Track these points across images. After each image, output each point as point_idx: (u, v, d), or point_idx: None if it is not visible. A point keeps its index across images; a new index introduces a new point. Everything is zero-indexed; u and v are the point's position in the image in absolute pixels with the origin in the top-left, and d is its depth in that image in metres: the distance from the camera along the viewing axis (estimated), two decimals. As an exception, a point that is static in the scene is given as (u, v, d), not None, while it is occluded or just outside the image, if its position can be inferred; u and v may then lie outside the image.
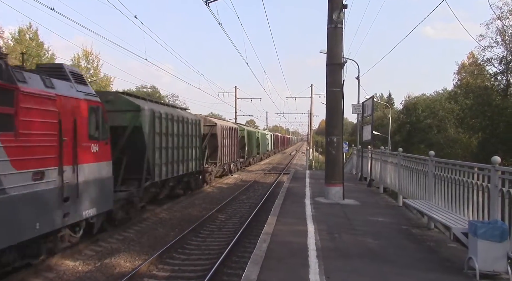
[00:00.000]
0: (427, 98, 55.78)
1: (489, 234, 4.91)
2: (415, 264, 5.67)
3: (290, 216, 8.96)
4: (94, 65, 42.81)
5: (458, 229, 5.99)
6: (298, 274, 5.17)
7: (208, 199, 16.99)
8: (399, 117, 55.67)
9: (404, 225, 8.18)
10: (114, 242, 9.85)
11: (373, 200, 11.54)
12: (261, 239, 6.88)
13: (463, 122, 38.10)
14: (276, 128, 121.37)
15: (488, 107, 31.59)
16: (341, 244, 6.72)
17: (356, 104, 17.32)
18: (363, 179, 16.01)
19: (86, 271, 7.79)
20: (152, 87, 62.00)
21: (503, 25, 30.91)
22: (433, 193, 8.18)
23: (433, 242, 6.89)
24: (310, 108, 53.04)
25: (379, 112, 61.87)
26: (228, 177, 25.73)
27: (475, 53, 38.56)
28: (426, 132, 47.12)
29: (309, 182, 15.55)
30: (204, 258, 8.82)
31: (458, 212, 6.93)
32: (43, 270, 7.61)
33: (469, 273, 5.15)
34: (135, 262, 8.45)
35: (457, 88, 44.22)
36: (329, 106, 11.26)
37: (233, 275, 7.51)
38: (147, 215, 12.60)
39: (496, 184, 5.61)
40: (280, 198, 11.46)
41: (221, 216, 13.53)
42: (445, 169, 7.62)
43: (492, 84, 34.23)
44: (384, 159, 13.01)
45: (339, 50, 11.03)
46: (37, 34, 36.16)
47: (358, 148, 18.36)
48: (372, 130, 14.66)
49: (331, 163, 11.23)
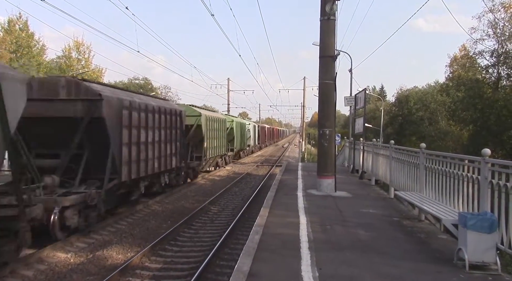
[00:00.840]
0: (419, 91, 56.01)
1: (478, 226, 4.97)
2: (406, 255, 5.73)
3: (283, 208, 8.99)
4: (85, 57, 42.39)
5: (448, 221, 6.06)
6: (291, 266, 5.20)
7: (200, 191, 16.99)
8: (391, 110, 55.88)
9: (395, 217, 8.26)
10: (106, 234, 9.83)
11: (364, 192, 11.62)
12: (254, 231, 6.90)
13: (454, 114, 38.37)
14: (269, 120, 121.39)
15: (479, 100, 31.84)
16: (333, 236, 6.76)
17: (348, 96, 17.39)
18: (355, 171, 16.10)
19: (78, 263, 7.77)
20: (145, 79, 61.59)
21: (495, 18, 31.10)
22: (424, 185, 8.26)
23: (423, 233, 6.96)
24: (303, 100, 53.18)
25: (372, 104, 62.11)
26: (220, 169, 25.70)
27: (467, 46, 38.78)
28: (418, 124, 47.44)
29: (302, 174, 15.60)
30: (197, 250, 8.84)
31: (449, 204, 7.00)
32: (35, 262, 7.58)
33: (459, 264, 5.22)
34: (127, 254, 8.44)
35: (448, 81, 44.46)
36: (321, 99, 11.28)
37: (226, 267, 7.53)
38: (139, 207, 12.57)
39: (486, 176, 5.67)
40: (272, 190, 11.50)
41: (214, 208, 13.55)
42: (436, 161, 7.69)
43: (484, 77, 34.46)
44: (376, 151, 13.09)
45: (332, 43, 11.02)
46: (27, 25, 35.67)
47: (350, 140, 18.44)
48: (364, 123, 14.72)
49: (324, 155, 11.28)
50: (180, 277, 7.19)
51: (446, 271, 5.09)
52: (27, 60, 32.33)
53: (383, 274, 5.00)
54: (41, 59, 36.46)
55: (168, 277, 7.23)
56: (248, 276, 4.84)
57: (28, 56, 34.26)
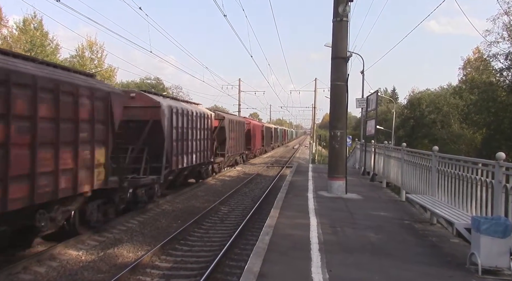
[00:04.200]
0: (432, 93, 55.45)
1: (492, 230, 4.91)
2: (417, 259, 5.68)
3: (293, 209, 8.98)
4: (98, 56, 42.80)
5: (461, 225, 5.99)
6: (300, 267, 5.19)
7: (211, 191, 17.03)
8: (403, 112, 55.41)
9: (407, 220, 8.19)
10: (117, 232, 9.91)
11: (375, 194, 11.54)
12: (264, 231, 6.90)
13: (467, 118, 37.93)
14: (279, 121, 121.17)
15: (493, 103, 31.40)
16: (343, 238, 6.73)
17: (360, 98, 17.25)
18: (366, 173, 16.01)
19: (89, 260, 7.84)
20: (156, 79, 62.03)
21: (510, 21, 30.62)
22: (436, 188, 8.17)
23: (435, 237, 6.89)
24: (314, 102, 52.86)
25: (383, 107, 61.64)
26: (231, 169, 25.78)
27: (481, 49, 38.29)
28: (430, 127, 46.97)
29: (312, 176, 15.56)
30: (207, 249, 8.86)
31: (461, 208, 6.92)
32: (47, 259, 7.67)
33: (472, 269, 5.16)
34: (138, 252, 8.50)
35: (462, 83, 43.99)
36: (333, 100, 11.23)
37: (236, 267, 7.54)
38: (150, 206, 12.65)
39: (500, 180, 5.59)
40: (282, 191, 11.48)
41: (224, 208, 13.57)
42: (449, 164, 7.60)
43: (498, 80, 33.96)
44: (388, 153, 13.00)
45: (344, 44, 10.98)
46: (42, 24, 36.08)
47: (361, 142, 18.34)
48: (376, 125, 14.63)
49: (334, 157, 11.23)
50: (190, 277, 7.22)
51: (458, 276, 5.03)
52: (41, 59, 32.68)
53: (393, 277, 4.96)
54: (55, 59, 36.87)
55: (178, 276, 7.25)
56: (258, 277, 4.83)
57: (42, 55, 34.67)
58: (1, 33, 34.21)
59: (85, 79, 8.69)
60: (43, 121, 7.05)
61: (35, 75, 6.94)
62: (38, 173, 6.88)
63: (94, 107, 8.53)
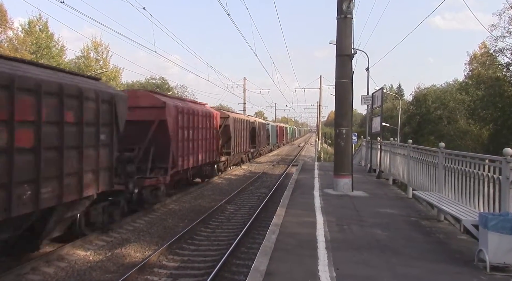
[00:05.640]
0: (438, 89, 55.19)
1: (499, 226, 4.88)
2: (424, 256, 5.65)
3: (299, 207, 8.97)
4: (103, 57, 43.02)
5: (468, 221, 5.95)
6: (307, 265, 5.19)
7: (217, 190, 17.06)
8: (409, 109, 55.18)
9: (414, 217, 8.16)
10: (124, 232, 9.96)
11: (382, 191, 11.50)
12: (270, 230, 6.90)
13: (474, 113, 37.70)
14: (285, 119, 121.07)
15: (499, 98, 31.23)
16: (350, 235, 6.72)
17: (365, 95, 17.17)
18: (372, 170, 15.96)
19: (97, 260, 7.90)
20: (161, 79, 62.21)
21: (516, 15, 30.38)
22: (443, 185, 8.13)
23: (442, 234, 6.86)
24: (319, 99, 52.85)
25: (389, 103, 61.42)
26: (236, 168, 25.82)
27: (487, 44, 38.01)
28: (436, 123, 46.77)
29: (318, 174, 15.54)
30: (214, 249, 8.88)
31: (469, 204, 6.88)
32: (55, 259, 7.73)
33: (479, 265, 5.13)
34: (145, 252, 8.54)
35: (468, 79, 43.68)
36: (338, 98, 11.21)
37: (242, 266, 7.56)
38: (156, 206, 12.70)
39: (508, 176, 5.56)
40: (289, 189, 11.48)
41: (230, 207, 13.59)
42: (456, 160, 7.56)
43: (504, 75, 33.73)
44: (394, 150, 12.95)
45: (349, 41, 10.95)
46: (47, 26, 36.31)
47: (367, 139, 18.28)
48: (381, 122, 14.57)
49: (340, 155, 11.21)
50: (197, 276, 7.24)
51: (466, 272, 5.01)
52: (47, 61, 32.92)
53: (401, 275, 4.95)
54: (60, 60, 37.11)
55: (185, 276, 7.28)
56: (265, 275, 4.84)
57: (47, 56, 34.90)
58: (7, 35, 34.45)
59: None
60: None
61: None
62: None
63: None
